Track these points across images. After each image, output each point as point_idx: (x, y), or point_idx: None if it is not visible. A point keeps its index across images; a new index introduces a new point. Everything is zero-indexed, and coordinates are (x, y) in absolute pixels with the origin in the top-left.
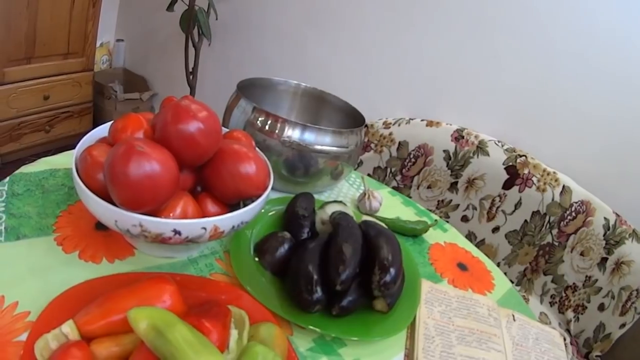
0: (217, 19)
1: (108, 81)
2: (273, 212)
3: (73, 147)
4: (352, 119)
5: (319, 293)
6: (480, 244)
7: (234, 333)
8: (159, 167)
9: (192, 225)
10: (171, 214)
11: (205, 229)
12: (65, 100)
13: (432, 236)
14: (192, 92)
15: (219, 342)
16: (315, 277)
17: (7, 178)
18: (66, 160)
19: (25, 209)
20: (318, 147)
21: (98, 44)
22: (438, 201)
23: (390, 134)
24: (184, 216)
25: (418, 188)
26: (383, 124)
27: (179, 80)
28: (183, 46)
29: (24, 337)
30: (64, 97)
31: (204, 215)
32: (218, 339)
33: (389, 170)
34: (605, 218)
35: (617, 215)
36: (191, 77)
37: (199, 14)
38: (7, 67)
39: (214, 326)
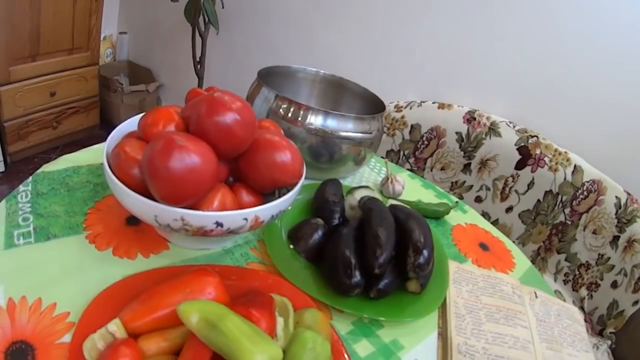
0: (223, 7)
1: (113, 74)
2: (299, 199)
3: (81, 142)
4: (371, 105)
5: (357, 277)
6: (494, 224)
7: (279, 321)
8: (199, 160)
9: (234, 217)
10: (210, 207)
11: (246, 219)
12: (71, 96)
13: (453, 218)
14: (200, 82)
15: (268, 331)
16: (353, 261)
17: (30, 178)
18: (87, 156)
19: (52, 208)
20: (343, 134)
21: (101, 38)
22: (452, 182)
23: (403, 117)
24: (223, 208)
25: (432, 170)
26: (395, 107)
27: (185, 70)
28: (187, 36)
29: (66, 338)
30: (70, 93)
31: (240, 205)
32: (267, 328)
33: (402, 153)
34: (616, 197)
35: (629, 194)
36: (199, 66)
37: (207, 3)
38: (13, 66)
39: (262, 315)
